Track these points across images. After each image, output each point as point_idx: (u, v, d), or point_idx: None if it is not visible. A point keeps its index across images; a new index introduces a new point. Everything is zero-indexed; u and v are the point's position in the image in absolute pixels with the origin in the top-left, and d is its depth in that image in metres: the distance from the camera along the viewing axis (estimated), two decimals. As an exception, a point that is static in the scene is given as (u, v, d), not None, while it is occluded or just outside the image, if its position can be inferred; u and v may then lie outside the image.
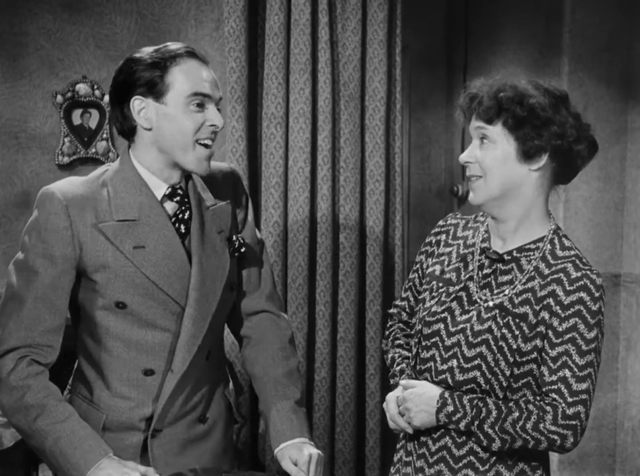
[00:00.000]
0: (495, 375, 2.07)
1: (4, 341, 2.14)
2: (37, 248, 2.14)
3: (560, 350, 2.04)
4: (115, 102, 2.18)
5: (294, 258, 3.63)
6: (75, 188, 2.16)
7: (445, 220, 2.30)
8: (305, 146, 3.62)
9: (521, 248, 2.13)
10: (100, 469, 2.02)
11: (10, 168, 3.67)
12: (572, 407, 2.02)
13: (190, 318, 2.17)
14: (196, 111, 2.14)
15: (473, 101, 2.11)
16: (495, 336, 2.07)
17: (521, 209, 2.11)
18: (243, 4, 3.54)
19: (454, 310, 2.15)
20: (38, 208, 2.16)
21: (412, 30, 4.09)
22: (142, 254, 2.14)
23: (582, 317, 2.04)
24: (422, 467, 2.17)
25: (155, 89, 2.13)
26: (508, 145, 2.07)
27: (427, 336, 2.16)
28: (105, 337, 2.18)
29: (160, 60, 2.13)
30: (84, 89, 3.67)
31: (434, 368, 2.14)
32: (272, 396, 2.27)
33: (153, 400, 2.18)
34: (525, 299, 2.08)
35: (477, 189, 2.11)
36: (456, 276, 2.18)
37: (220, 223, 2.26)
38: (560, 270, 2.08)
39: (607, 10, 4.02)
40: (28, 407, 2.09)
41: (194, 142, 2.14)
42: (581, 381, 2.03)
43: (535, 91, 2.07)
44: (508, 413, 2.04)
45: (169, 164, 2.18)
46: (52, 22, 3.65)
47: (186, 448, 2.23)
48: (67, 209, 2.13)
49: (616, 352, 4.14)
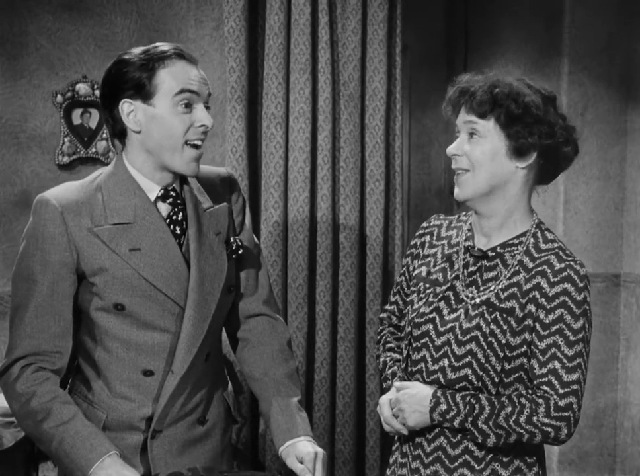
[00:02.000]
0: (486, 372, 2.08)
1: (11, 350, 2.16)
2: (35, 256, 2.15)
3: (549, 342, 2.05)
4: (105, 104, 2.18)
5: (294, 258, 3.65)
6: (69, 194, 2.17)
7: (428, 222, 2.31)
8: (305, 146, 3.65)
9: (505, 244, 2.13)
10: (101, 468, 2.03)
11: (10, 168, 3.67)
12: (564, 399, 2.03)
13: (190, 319, 2.17)
14: (184, 112, 2.13)
15: (464, 95, 2.11)
16: (484, 333, 2.08)
17: (506, 205, 2.12)
18: (243, 4, 3.59)
19: (442, 310, 2.15)
20: (33, 215, 2.17)
21: (412, 30, 4.10)
22: (138, 256, 2.15)
23: (567, 307, 2.05)
24: (417, 468, 2.18)
25: (143, 91, 2.12)
26: (498, 140, 2.08)
27: (417, 337, 2.17)
28: (104, 338, 2.18)
29: (147, 62, 2.12)
30: (84, 89, 3.68)
31: (425, 369, 2.15)
32: (274, 396, 2.28)
33: (153, 400, 2.18)
34: (512, 293, 2.09)
35: (464, 183, 2.11)
36: (442, 276, 2.19)
37: (217, 225, 2.26)
38: (544, 262, 2.09)
39: (606, 11, 4.06)
40: (34, 412, 2.11)
41: (183, 143, 2.14)
42: (571, 371, 2.04)
43: (528, 90, 2.08)
44: (501, 408, 2.05)
45: (159, 166, 2.18)
46: (52, 21, 3.66)
47: (185, 449, 2.23)
48: (62, 215, 2.13)
49: (616, 352, 4.17)
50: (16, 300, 2.17)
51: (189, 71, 2.14)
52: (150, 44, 2.21)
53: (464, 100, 2.10)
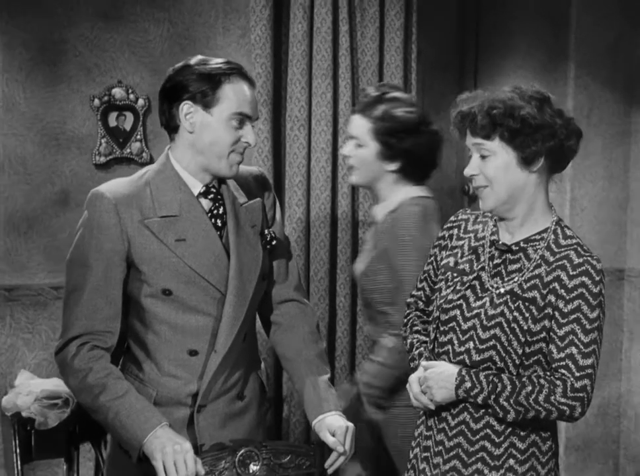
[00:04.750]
0: (509, 354, 2.19)
1: (67, 330, 2.27)
2: (90, 245, 2.26)
3: (567, 329, 2.17)
4: (165, 98, 2.30)
5: (316, 253, 3.67)
6: (121, 188, 2.30)
7: (456, 216, 2.41)
8: (327, 147, 3.66)
9: (528, 240, 2.24)
10: (155, 438, 2.14)
11: (51, 168, 3.63)
12: (580, 381, 2.15)
13: (231, 304, 2.30)
14: (236, 127, 2.27)
15: (465, 119, 2.20)
16: (507, 319, 2.19)
17: (525, 206, 2.23)
18: (269, 14, 3.58)
19: (469, 297, 2.26)
20: (88, 208, 2.29)
21: (425, 36, 4.00)
22: (184, 246, 2.27)
23: (584, 298, 2.17)
24: (442, 440, 2.28)
25: (206, 99, 2.25)
26: (507, 154, 2.18)
27: (444, 321, 2.27)
28: (153, 321, 2.30)
29: (215, 74, 2.24)
30: (119, 93, 3.66)
31: (451, 350, 2.25)
32: (306, 374, 2.39)
33: (198, 378, 2.30)
34: (534, 284, 2.20)
35: (486, 197, 2.23)
36: (469, 266, 2.29)
37: (253, 218, 2.38)
38: (563, 257, 2.20)
39: (611, 19, 4.05)
40: (90, 387, 2.21)
41: (228, 153, 2.28)
42: (586, 357, 2.16)
43: (521, 101, 2.16)
44: (522, 387, 2.16)
45: (202, 167, 2.31)
46: (89, 30, 3.63)
47: (226, 422, 2.35)
48: (115, 208, 2.26)
49: (620, 344, 4.19)
50: (71, 284, 2.28)
51: (247, 92, 2.29)
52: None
53: (467, 125, 2.20)
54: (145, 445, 2.16)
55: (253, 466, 2.25)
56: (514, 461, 2.24)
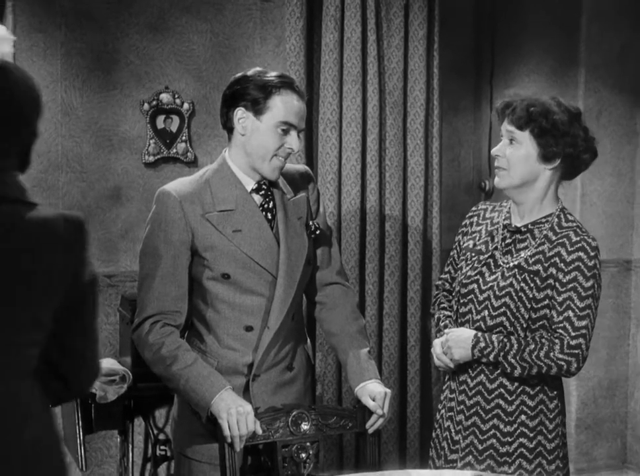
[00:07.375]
0: (517, 319, 2.44)
1: (142, 311, 2.45)
2: (159, 237, 2.43)
3: (565, 296, 2.41)
4: (224, 103, 2.50)
5: (347, 244, 3.80)
6: (184, 187, 2.46)
7: (476, 206, 2.68)
8: (357, 147, 3.78)
9: (535, 222, 2.50)
10: (221, 399, 2.34)
11: (104, 166, 3.75)
12: (575, 339, 2.40)
13: (281, 286, 2.49)
14: (281, 134, 2.45)
15: (508, 108, 2.46)
16: (515, 289, 2.44)
17: (535, 195, 2.48)
18: (302, 25, 3.72)
19: (484, 273, 2.52)
20: (157, 204, 2.47)
21: (444, 42, 4.04)
22: (240, 236, 2.46)
23: (580, 270, 2.41)
24: (463, 400, 2.53)
25: (257, 107, 2.42)
26: (531, 147, 2.44)
27: (464, 294, 2.53)
28: (214, 301, 2.48)
29: (268, 85, 2.42)
30: (166, 98, 3.76)
31: (470, 319, 2.51)
32: (349, 347, 2.59)
33: (253, 350, 2.48)
34: (537, 259, 2.45)
35: (502, 177, 2.49)
36: (485, 247, 2.55)
37: (299, 211, 2.58)
38: (564, 236, 2.45)
39: (619, 26, 4.18)
40: (163, 358, 2.39)
41: (272, 156, 2.46)
42: (581, 319, 2.40)
43: (557, 108, 2.41)
44: (526, 345, 2.40)
45: (251, 166, 2.50)
46: (139, 40, 3.74)
47: (277, 390, 2.53)
48: (180, 204, 2.43)
49: (627, 330, 4.33)
50: (144, 271, 2.48)
51: (296, 104, 2.44)
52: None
53: (507, 113, 2.44)
54: (212, 406, 2.36)
55: (304, 425, 2.47)
56: (525, 417, 2.47)
